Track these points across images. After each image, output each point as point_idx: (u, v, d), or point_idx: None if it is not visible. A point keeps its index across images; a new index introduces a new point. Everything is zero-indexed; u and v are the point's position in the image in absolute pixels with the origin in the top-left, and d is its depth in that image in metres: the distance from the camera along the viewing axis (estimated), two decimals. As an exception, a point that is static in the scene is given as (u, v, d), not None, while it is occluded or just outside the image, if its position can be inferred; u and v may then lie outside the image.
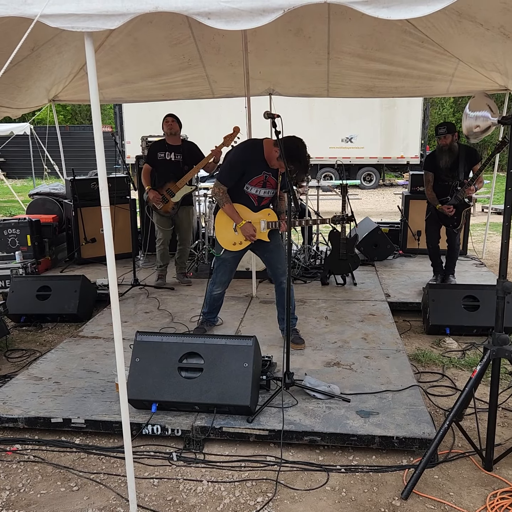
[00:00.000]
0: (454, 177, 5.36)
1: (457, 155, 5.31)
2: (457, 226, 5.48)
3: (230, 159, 4.03)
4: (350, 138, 17.64)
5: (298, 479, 2.78)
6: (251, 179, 3.95)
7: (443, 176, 5.44)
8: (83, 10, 1.97)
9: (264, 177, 3.96)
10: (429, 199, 5.63)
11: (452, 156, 5.32)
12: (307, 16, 5.16)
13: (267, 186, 4.02)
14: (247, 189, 3.99)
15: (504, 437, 3.11)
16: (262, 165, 3.93)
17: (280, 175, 4.01)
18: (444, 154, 5.35)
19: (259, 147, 3.90)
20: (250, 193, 4.00)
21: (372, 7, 1.92)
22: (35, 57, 5.02)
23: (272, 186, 4.04)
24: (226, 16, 1.95)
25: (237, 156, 3.98)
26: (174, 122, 5.62)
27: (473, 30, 4.43)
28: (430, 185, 5.57)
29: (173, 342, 3.25)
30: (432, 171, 5.52)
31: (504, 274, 2.62)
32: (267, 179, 3.98)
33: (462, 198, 5.31)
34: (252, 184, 3.97)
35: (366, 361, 3.91)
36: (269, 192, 4.06)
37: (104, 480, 2.80)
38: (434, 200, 5.54)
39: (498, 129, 7.05)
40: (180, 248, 6.03)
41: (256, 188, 3.99)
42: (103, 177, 2.25)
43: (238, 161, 3.95)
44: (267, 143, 3.90)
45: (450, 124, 5.42)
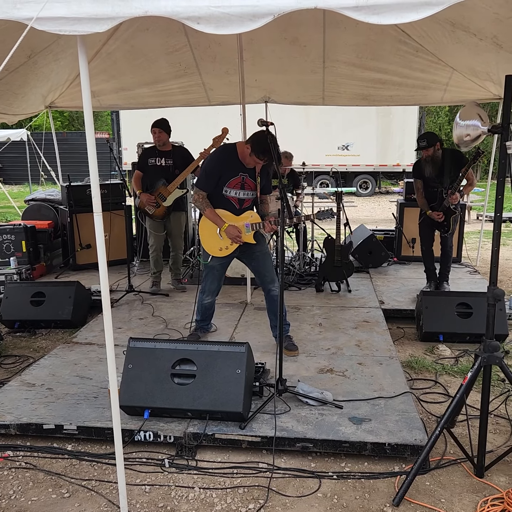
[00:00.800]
0: (441, 183, 5.45)
1: (442, 163, 5.39)
2: (448, 231, 5.57)
3: (205, 165, 4.09)
4: (347, 145, 17.72)
5: (290, 485, 2.78)
6: (228, 181, 3.97)
7: (431, 183, 5.54)
8: (72, 14, 1.98)
9: (241, 178, 3.99)
10: (419, 205, 5.72)
11: (436, 165, 5.40)
12: (302, 25, 5.21)
13: (245, 187, 4.04)
14: (226, 192, 4.01)
15: (496, 444, 3.12)
16: (238, 167, 3.96)
17: (258, 176, 4.04)
18: (427, 164, 5.44)
19: (232, 149, 3.97)
20: (230, 196, 4.02)
21: (363, 13, 1.94)
22: (32, 64, 5.04)
23: (250, 188, 4.06)
24: (215, 21, 1.97)
25: (211, 160, 4.03)
26: (162, 133, 5.61)
27: (467, 40, 4.48)
28: (420, 191, 5.67)
29: (166, 348, 3.26)
30: (420, 178, 5.63)
31: (495, 282, 2.64)
32: (244, 180, 4.01)
33: (448, 205, 5.39)
34: (230, 186, 3.99)
35: (359, 367, 3.92)
36: (249, 194, 4.08)
37: (95, 487, 2.79)
38: (425, 206, 5.63)
39: (492, 138, 7.09)
40: (172, 254, 6.04)
41: (234, 190, 4.01)
42: (95, 185, 2.26)
43: (213, 164, 4.00)
44: (239, 145, 3.96)
45: (431, 135, 5.44)
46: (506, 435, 3.22)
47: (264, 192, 4.18)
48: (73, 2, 1.97)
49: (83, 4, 1.97)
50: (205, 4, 1.95)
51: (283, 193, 3.29)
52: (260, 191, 4.12)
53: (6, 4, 2.01)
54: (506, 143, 2.46)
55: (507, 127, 2.47)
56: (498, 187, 2.57)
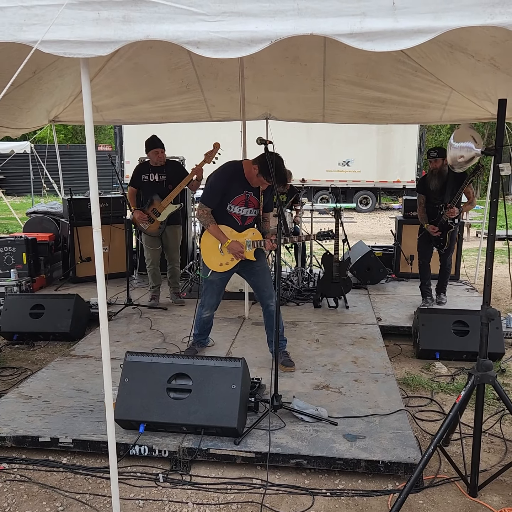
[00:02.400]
0: (443, 199, 5.55)
1: (447, 178, 5.54)
2: (443, 247, 5.68)
3: (211, 181, 4.09)
4: (347, 161, 17.83)
5: (283, 502, 2.79)
6: (233, 198, 4.01)
7: (432, 198, 5.69)
8: (76, 37, 2.04)
9: (245, 196, 4.03)
10: (420, 219, 5.86)
11: (442, 179, 5.57)
12: (303, 45, 5.29)
13: (249, 205, 4.08)
14: (229, 209, 4.05)
15: (490, 463, 3.12)
16: (243, 185, 4.00)
17: (262, 194, 4.08)
18: (434, 177, 5.61)
19: (238, 167, 4.00)
20: (233, 213, 4.06)
21: (357, 40, 2.00)
22: (37, 80, 5.12)
23: (254, 206, 4.10)
24: (214, 45, 2.03)
25: (218, 177, 4.04)
26: (163, 152, 5.72)
27: (465, 61, 4.55)
28: (422, 206, 5.83)
29: (162, 362, 3.28)
30: (424, 194, 5.79)
31: (488, 301, 2.66)
32: (248, 198, 4.05)
33: (446, 220, 5.48)
34: (235, 203, 4.03)
35: (355, 384, 3.93)
36: (252, 211, 4.12)
37: (89, 501, 2.79)
38: (424, 219, 5.77)
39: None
40: (169, 268, 6.08)
41: (238, 207, 4.05)
42: (95, 200, 2.31)
43: (219, 181, 4.02)
44: (246, 163, 3.99)
45: (442, 149, 5.60)
46: (501, 454, 3.23)
47: (266, 210, 4.23)
48: (77, 25, 2.02)
49: (86, 28, 2.03)
50: (205, 29, 2.01)
51: (281, 210, 3.34)
52: (263, 209, 4.18)
53: (13, 26, 2.07)
54: (499, 165, 2.51)
55: (500, 149, 2.52)
56: (491, 207, 2.62)
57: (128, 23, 2.06)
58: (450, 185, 5.53)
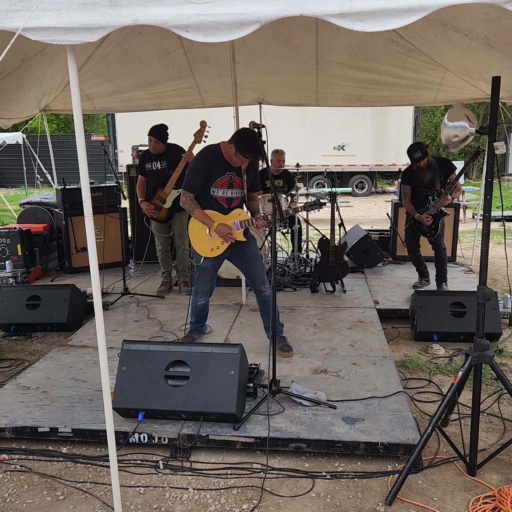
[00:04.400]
0: (431, 188, 5.49)
1: (436, 168, 5.43)
2: (435, 235, 5.62)
3: (191, 166, 4.06)
4: (342, 146, 17.74)
5: (283, 486, 2.80)
6: (215, 181, 3.98)
7: (420, 188, 5.58)
8: (63, 24, 2.00)
9: (228, 177, 4.00)
10: (407, 210, 5.77)
11: (432, 170, 5.44)
12: (295, 26, 5.23)
13: (234, 186, 4.05)
14: (213, 192, 4.01)
15: (489, 442, 3.14)
16: (224, 166, 3.97)
17: (244, 173, 4.05)
18: (425, 171, 5.45)
19: (216, 149, 3.97)
20: (218, 197, 4.03)
21: (347, 20, 1.97)
22: (26, 68, 5.05)
23: (239, 186, 4.07)
24: (204, 29, 1.99)
25: (197, 161, 4.01)
26: (157, 143, 5.63)
27: (458, 40, 4.50)
28: (408, 197, 5.72)
29: (159, 350, 3.27)
30: (410, 185, 5.68)
31: (484, 281, 2.66)
32: (232, 179, 4.02)
33: (439, 207, 5.44)
34: (217, 186, 4.00)
35: (353, 368, 3.94)
36: (237, 192, 4.08)
37: (90, 489, 2.80)
38: (412, 210, 5.67)
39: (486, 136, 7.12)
40: (178, 255, 6.06)
41: (222, 189, 4.02)
42: (86, 188, 2.28)
43: (198, 165, 3.99)
44: (223, 144, 3.97)
45: (419, 145, 5.47)
46: (499, 434, 3.24)
47: (253, 190, 4.20)
48: (63, 11, 1.98)
49: (72, 12, 1.98)
50: (193, 12, 1.97)
51: (275, 195, 3.31)
52: (248, 189, 4.14)
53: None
54: (494, 144, 2.49)
55: (494, 128, 2.50)
56: (486, 187, 2.60)
57: (115, 7, 2.02)
58: (437, 173, 5.45)
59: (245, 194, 4.13)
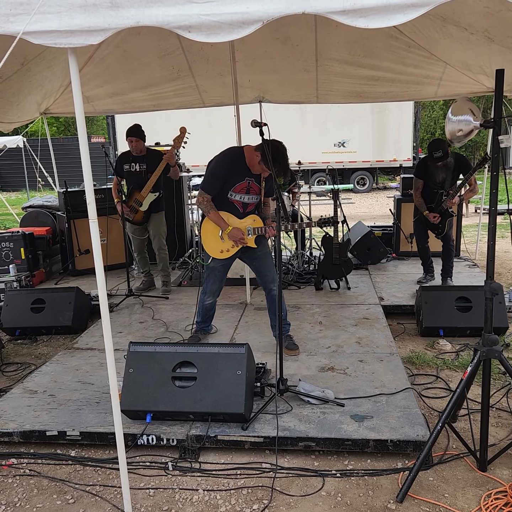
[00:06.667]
0: (442, 187, 5.43)
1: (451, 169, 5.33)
2: (442, 233, 5.57)
3: (212, 168, 4.01)
4: (343, 142, 17.72)
5: (293, 485, 2.79)
6: (234, 186, 3.96)
7: (432, 184, 5.50)
8: (65, 27, 1.99)
9: (247, 183, 3.98)
10: (417, 205, 5.70)
11: (447, 170, 5.34)
12: (294, 24, 5.21)
13: (250, 192, 4.03)
14: (231, 196, 4.00)
15: (498, 437, 3.13)
16: (244, 172, 3.94)
17: (263, 181, 4.04)
18: (440, 170, 5.34)
19: (240, 154, 3.92)
20: (234, 200, 4.02)
21: (350, 16, 1.95)
22: (25, 72, 5.04)
23: (256, 192, 4.06)
24: (206, 29, 1.98)
25: (218, 164, 3.97)
26: (138, 142, 5.67)
27: (458, 34, 4.48)
28: (419, 191, 5.64)
29: (166, 351, 3.27)
30: (422, 179, 5.58)
31: (491, 275, 2.65)
32: (250, 185, 4.00)
33: (446, 207, 5.40)
34: (236, 191, 3.98)
35: (360, 365, 3.93)
36: (254, 198, 4.08)
37: (100, 492, 2.80)
38: (422, 206, 5.61)
39: (487, 131, 7.10)
40: (157, 255, 6.08)
41: (240, 194, 4.01)
42: (90, 191, 2.28)
43: (220, 168, 3.95)
44: (248, 150, 3.91)
45: (441, 143, 5.24)
46: (509, 428, 3.23)
47: (267, 195, 4.19)
48: (64, 13, 1.97)
49: (74, 15, 1.97)
50: (195, 12, 1.96)
51: (279, 193, 3.30)
52: (264, 194, 4.14)
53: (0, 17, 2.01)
54: (499, 137, 2.47)
55: (499, 121, 2.48)
56: (492, 181, 2.59)
57: (116, 9, 2.01)
58: (451, 174, 5.37)
59: (261, 200, 4.12)
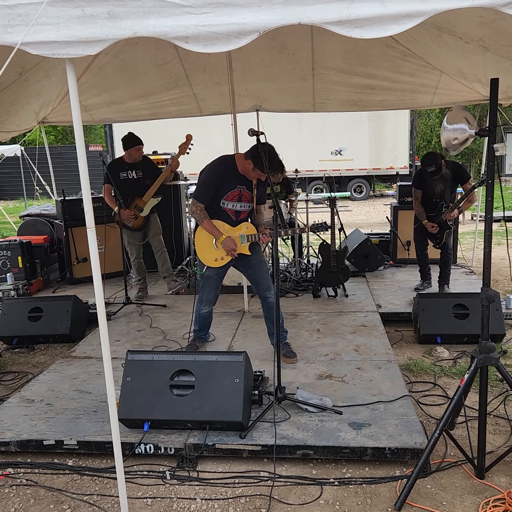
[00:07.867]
0: (442, 198, 5.45)
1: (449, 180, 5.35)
2: (440, 243, 5.60)
3: (203, 177, 4.01)
4: (339, 150, 17.78)
5: (292, 493, 2.79)
6: (226, 194, 3.97)
7: (430, 194, 5.51)
8: (63, 37, 2.00)
9: (238, 191, 3.99)
10: (416, 214, 5.72)
11: (445, 182, 5.34)
12: (290, 33, 5.24)
13: (242, 200, 4.04)
14: (223, 204, 4.01)
15: (496, 445, 3.13)
16: (236, 180, 3.96)
17: (255, 188, 4.05)
18: (437, 182, 5.34)
19: (231, 162, 3.94)
20: (227, 209, 4.03)
21: (345, 27, 1.97)
22: (23, 81, 5.07)
23: (248, 200, 4.07)
24: (203, 39, 2.00)
25: (210, 173, 3.98)
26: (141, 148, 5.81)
27: (453, 43, 4.52)
28: (418, 200, 5.66)
29: (164, 360, 3.26)
30: (421, 189, 5.59)
31: (488, 283, 2.66)
32: (241, 193, 4.01)
33: (444, 219, 5.43)
34: (228, 199, 3.99)
35: (358, 372, 3.93)
36: (246, 206, 4.09)
37: (97, 502, 2.79)
38: (421, 215, 5.63)
39: (483, 138, 7.13)
40: (158, 256, 6.10)
41: (232, 202, 4.02)
42: (87, 200, 2.28)
43: (211, 177, 3.96)
44: (239, 158, 3.93)
45: (434, 157, 5.24)
46: (506, 435, 3.23)
47: (259, 203, 4.20)
48: (62, 24, 1.99)
49: (72, 26, 1.99)
50: (192, 23, 1.98)
51: (276, 201, 3.32)
52: (256, 202, 4.15)
53: (-3, 28, 2.03)
54: (494, 146, 2.49)
55: (494, 130, 2.50)
56: (487, 189, 2.60)
57: (114, 20, 2.03)
58: (449, 184, 5.38)
59: (254, 208, 4.14)
